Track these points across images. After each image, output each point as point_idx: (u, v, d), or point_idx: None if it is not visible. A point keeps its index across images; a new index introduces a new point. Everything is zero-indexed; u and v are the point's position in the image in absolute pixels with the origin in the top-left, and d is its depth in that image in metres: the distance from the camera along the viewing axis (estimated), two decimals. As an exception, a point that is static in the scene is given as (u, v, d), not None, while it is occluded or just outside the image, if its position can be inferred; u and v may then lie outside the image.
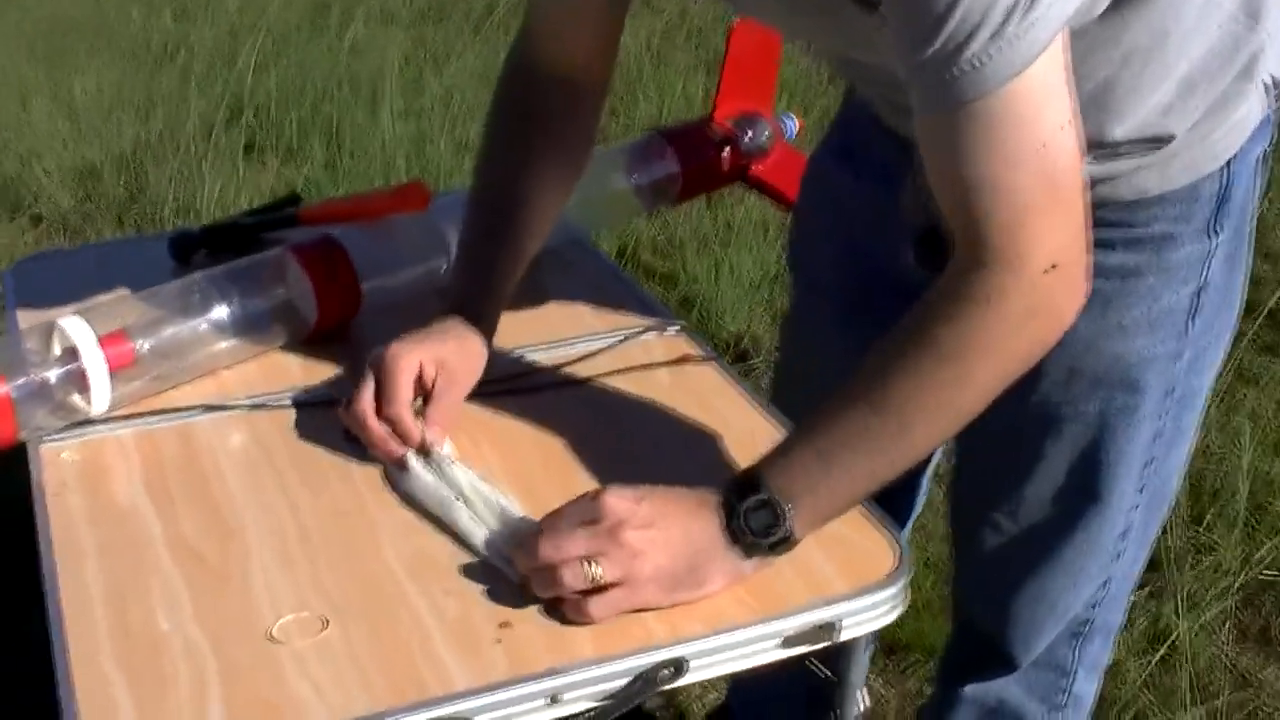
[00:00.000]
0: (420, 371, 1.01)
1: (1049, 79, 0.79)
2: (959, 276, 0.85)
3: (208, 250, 1.34)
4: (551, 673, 0.82)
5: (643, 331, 1.23)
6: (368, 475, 1.01)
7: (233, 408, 1.10)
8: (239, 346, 1.14)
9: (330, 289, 1.17)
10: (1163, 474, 1.15)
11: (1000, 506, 1.17)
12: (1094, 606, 1.22)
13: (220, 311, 1.12)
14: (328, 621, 0.86)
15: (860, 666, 0.99)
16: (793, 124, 1.62)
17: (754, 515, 0.87)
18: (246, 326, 1.13)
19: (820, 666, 0.97)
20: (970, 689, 1.29)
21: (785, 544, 0.88)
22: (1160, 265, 1.02)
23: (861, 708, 1.01)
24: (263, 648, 0.84)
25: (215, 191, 3.24)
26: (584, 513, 0.87)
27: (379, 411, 1.00)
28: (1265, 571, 1.99)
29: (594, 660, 0.83)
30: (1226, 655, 1.84)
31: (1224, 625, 1.89)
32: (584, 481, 1.01)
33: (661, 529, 0.86)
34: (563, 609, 0.86)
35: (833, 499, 0.89)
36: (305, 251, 1.18)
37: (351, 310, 1.20)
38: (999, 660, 1.25)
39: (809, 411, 0.90)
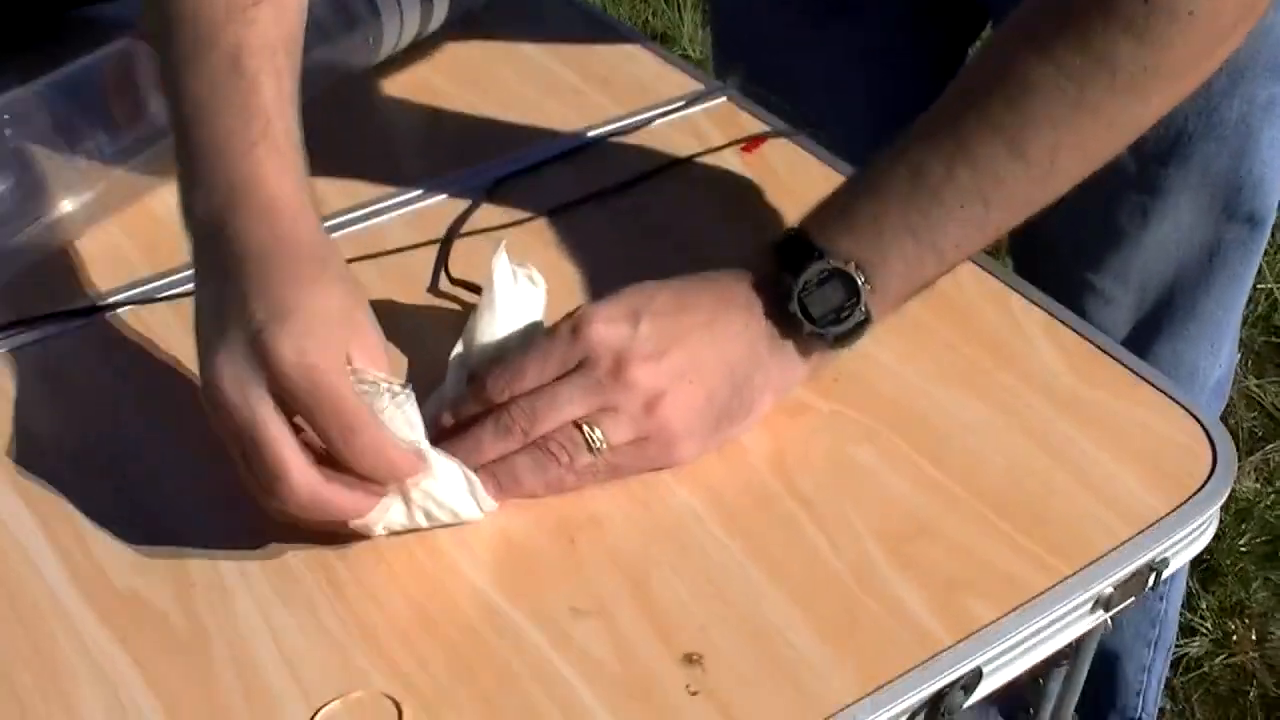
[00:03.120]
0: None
1: None
2: None
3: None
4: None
5: (679, 106, 0.86)
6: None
7: (122, 305, 0.70)
8: (94, 205, 0.72)
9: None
10: None
11: (1108, 269, 0.93)
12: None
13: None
14: (400, 709, 0.51)
15: (1077, 683, 0.71)
16: None
17: (818, 293, 0.61)
18: (101, 172, 0.72)
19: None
20: None
21: (858, 333, 0.62)
22: None
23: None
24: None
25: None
26: (561, 358, 0.59)
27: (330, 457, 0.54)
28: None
29: (855, 706, 0.51)
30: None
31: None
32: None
33: (681, 352, 0.59)
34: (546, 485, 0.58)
35: (932, 263, 0.62)
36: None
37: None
38: None
39: (881, 145, 0.62)
